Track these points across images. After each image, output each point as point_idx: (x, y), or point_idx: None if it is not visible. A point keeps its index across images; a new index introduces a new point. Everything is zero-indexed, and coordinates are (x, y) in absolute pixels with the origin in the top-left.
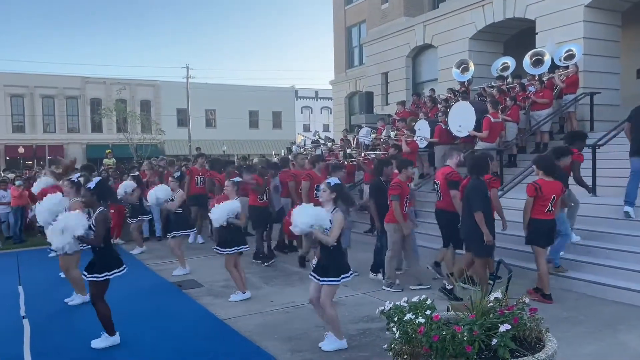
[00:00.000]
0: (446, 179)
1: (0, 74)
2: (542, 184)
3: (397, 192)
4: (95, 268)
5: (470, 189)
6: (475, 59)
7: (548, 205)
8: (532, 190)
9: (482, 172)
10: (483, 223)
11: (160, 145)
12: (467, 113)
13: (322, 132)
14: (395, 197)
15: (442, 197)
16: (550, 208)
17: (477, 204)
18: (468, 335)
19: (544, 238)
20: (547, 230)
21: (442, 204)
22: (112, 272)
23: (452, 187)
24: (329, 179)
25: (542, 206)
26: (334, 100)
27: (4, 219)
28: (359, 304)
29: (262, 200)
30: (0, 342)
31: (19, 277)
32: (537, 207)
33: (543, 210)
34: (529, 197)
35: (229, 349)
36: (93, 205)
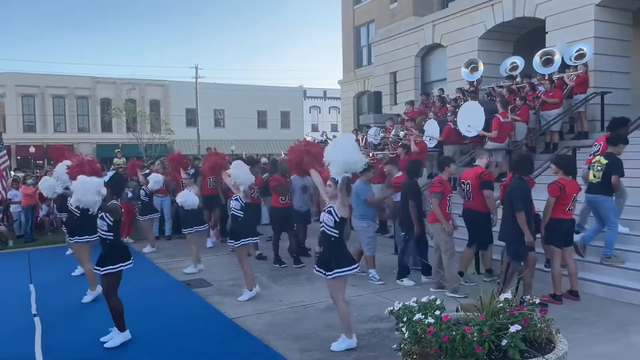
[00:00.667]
0: (479, 178)
1: (12, 74)
2: (565, 184)
3: (439, 189)
4: (108, 261)
5: (513, 188)
6: (484, 59)
7: (569, 204)
8: (557, 190)
9: (525, 172)
10: (525, 223)
11: (170, 145)
12: (476, 113)
13: (330, 132)
14: (438, 195)
15: (472, 197)
16: (571, 207)
17: (519, 204)
18: (478, 336)
19: (563, 238)
20: (567, 229)
21: (473, 204)
22: (125, 263)
23: (485, 187)
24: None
25: (563, 205)
26: (342, 100)
27: (16, 218)
28: (367, 304)
29: (284, 202)
30: (12, 340)
31: (30, 275)
32: (558, 207)
33: (564, 210)
34: (552, 197)
35: (238, 348)
36: (106, 197)
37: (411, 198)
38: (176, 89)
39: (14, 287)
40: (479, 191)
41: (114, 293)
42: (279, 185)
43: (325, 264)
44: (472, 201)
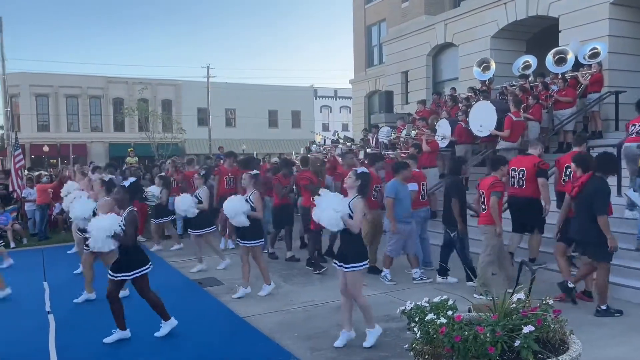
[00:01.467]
0: (536, 167)
1: (26, 74)
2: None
3: (501, 188)
4: (123, 268)
5: (594, 189)
6: (496, 58)
7: None
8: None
9: (609, 171)
10: (608, 228)
11: (181, 144)
12: (489, 112)
13: (340, 131)
14: (498, 194)
15: (525, 185)
16: None
17: (601, 207)
18: (491, 336)
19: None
20: None
21: (526, 191)
22: (144, 267)
23: (541, 175)
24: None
25: None
26: (353, 100)
27: (30, 216)
28: (378, 303)
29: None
30: (26, 336)
31: (44, 273)
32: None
33: None
34: (569, 196)
35: (250, 346)
36: (123, 204)
37: (454, 195)
38: (188, 89)
39: (29, 284)
40: (534, 178)
41: (148, 290)
42: (311, 184)
43: (343, 257)
44: (526, 189)
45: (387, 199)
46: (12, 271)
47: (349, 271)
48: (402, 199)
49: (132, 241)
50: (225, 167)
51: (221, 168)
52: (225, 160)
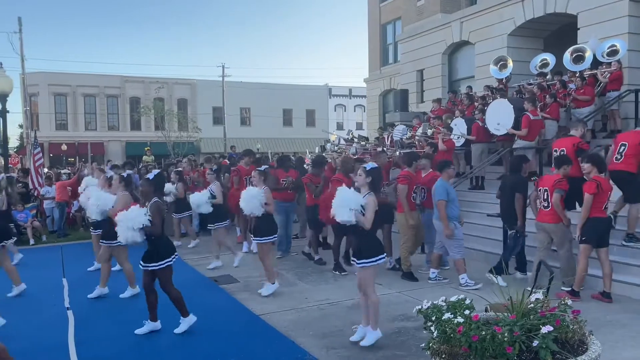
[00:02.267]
0: (575, 147)
1: (45, 74)
2: (601, 181)
3: (565, 187)
4: (154, 257)
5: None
6: (513, 56)
7: (605, 202)
8: (594, 188)
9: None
10: None
11: (197, 143)
12: (506, 111)
13: (355, 130)
14: (561, 192)
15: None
16: (607, 205)
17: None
18: (508, 336)
19: (599, 237)
20: (604, 228)
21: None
22: (170, 257)
23: (580, 155)
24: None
25: (600, 203)
26: (367, 98)
27: (48, 214)
28: (394, 303)
29: None
30: (46, 332)
31: (63, 269)
32: (594, 205)
33: (600, 208)
34: (589, 195)
35: (265, 344)
36: (148, 195)
37: (520, 191)
38: (203, 88)
39: (48, 281)
40: (575, 158)
41: (171, 284)
42: (311, 183)
43: (357, 252)
44: (622, 163)
45: (440, 202)
46: (32, 268)
47: (361, 266)
48: (453, 199)
49: (159, 231)
50: (243, 166)
51: (239, 167)
52: (242, 159)
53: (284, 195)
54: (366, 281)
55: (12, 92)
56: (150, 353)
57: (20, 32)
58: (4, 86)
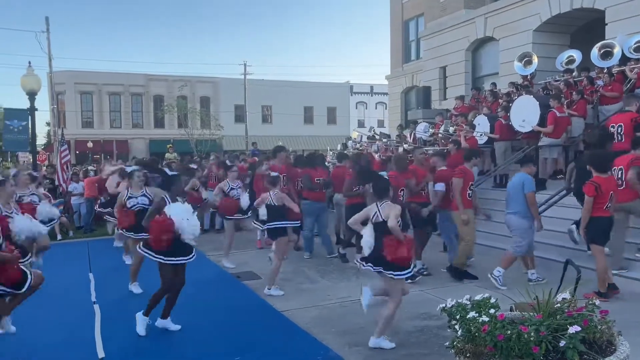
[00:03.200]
0: (634, 122)
1: (71, 73)
2: (600, 182)
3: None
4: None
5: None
6: (539, 52)
7: (606, 202)
8: (592, 190)
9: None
10: None
11: (219, 141)
12: (531, 107)
13: (377, 127)
14: (639, 169)
15: (624, 139)
16: (608, 205)
17: None
18: (535, 336)
19: (603, 236)
20: (606, 227)
21: (624, 145)
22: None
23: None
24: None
25: (601, 204)
26: (389, 96)
27: (75, 210)
28: (416, 301)
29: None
30: (73, 325)
31: (90, 265)
32: (595, 205)
33: (602, 208)
34: (589, 197)
35: (288, 340)
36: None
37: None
38: (226, 86)
39: (75, 275)
40: (632, 133)
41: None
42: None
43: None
44: (624, 142)
45: (530, 194)
46: (59, 263)
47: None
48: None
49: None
50: (276, 165)
51: (272, 167)
52: (276, 157)
53: (317, 196)
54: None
55: (40, 91)
56: (174, 347)
57: (47, 32)
58: (33, 85)
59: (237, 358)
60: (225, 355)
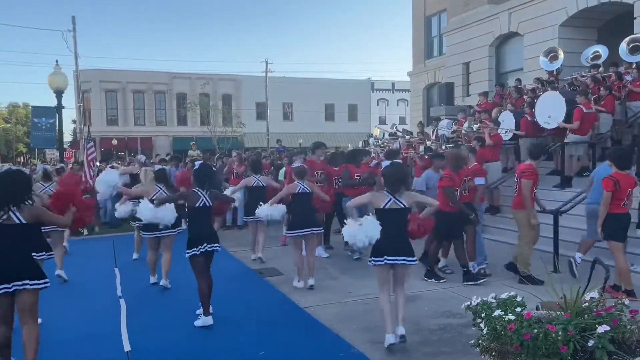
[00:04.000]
0: None
1: (96, 71)
2: (619, 178)
3: None
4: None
5: None
6: (565, 47)
7: (624, 199)
8: (611, 185)
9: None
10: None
11: (240, 138)
12: (557, 103)
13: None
14: None
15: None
16: (626, 202)
17: None
18: (563, 335)
19: (621, 232)
20: (624, 224)
21: None
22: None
23: None
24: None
25: (619, 200)
26: (411, 92)
27: (101, 205)
28: (438, 299)
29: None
30: (99, 319)
31: (115, 259)
32: (613, 202)
33: (619, 205)
34: (607, 192)
35: (310, 336)
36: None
37: None
38: (247, 83)
39: (101, 270)
40: None
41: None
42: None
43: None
44: None
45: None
46: (85, 257)
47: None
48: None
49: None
50: (314, 160)
51: (311, 161)
52: (315, 153)
53: (356, 192)
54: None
55: (66, 89)
56: (199, 341)
57: (74, 31)
58: (60, 83)
59: (262, 352)
60: (250, 349)
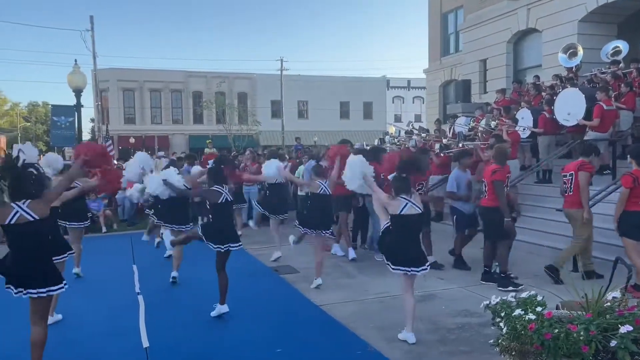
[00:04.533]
0: None
1: (114, 70)
2: (639, 175)
3: None
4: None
5: None
6: (584, 43)
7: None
8: (629, 182)
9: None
10: None
11: (256, 136)
12: (577, 100)
13: (414, 122)
14: None
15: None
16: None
17: None
18: (584, 335)
19: (637, 230)
20: (638, 223)
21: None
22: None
23: None
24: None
25: (636, 197)
26: (427, 90)
27: (120, 203)
28: (456, 298)
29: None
30: (118, 315)
31: (133, 256)
32: (631, 199)
33: (637, 202)
34: (625, 189)
35: (326, 334)
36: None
37: None
38: (263, 82)
39: (119, 267)
40: None
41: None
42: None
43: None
44: None
45: None
46: (104, 254)
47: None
48: None
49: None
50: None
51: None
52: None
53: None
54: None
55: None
56: (217, 337)
57: (92, 31)
58: (79, 82)
59: (279, 350)
60: (267, 345)
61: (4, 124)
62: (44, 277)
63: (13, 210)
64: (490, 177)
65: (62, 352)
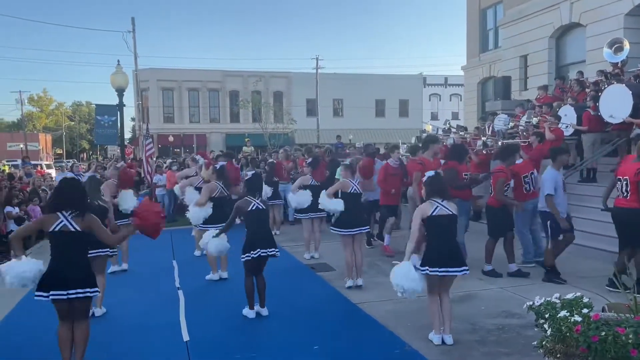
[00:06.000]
0: None
1: (154, 70)
2: None
3: None
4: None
5: None
6: (630, 38)
7: None
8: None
9: None
10: None
11: (291, 135)
12: (623, 97)
13: (451, 120)
14: None
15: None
16: None
17: None
18: (633, 338)
19: None
20: None
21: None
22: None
23: None
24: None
25: None
26: (465, 87)
27: (160, 200)
28: (495, 298)
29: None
30: (159, 309)
31: (173, 252)
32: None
33: None
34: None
35: (364, 332)
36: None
37: None
38: (298, 80)
39: (160, 262)
40: None
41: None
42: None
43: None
44: None
45: None
46: (145, 250)
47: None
48: None
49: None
50: (426, 159)
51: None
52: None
53: (464, 194)
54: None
55: (127, 87)
56: (255, 333)
57: (133, 32)
58: (121, 82)
59: (316, 347)
60: (305, 343)
61: (49, 123)
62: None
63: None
64: (636, 177)
65: (105, 346)
